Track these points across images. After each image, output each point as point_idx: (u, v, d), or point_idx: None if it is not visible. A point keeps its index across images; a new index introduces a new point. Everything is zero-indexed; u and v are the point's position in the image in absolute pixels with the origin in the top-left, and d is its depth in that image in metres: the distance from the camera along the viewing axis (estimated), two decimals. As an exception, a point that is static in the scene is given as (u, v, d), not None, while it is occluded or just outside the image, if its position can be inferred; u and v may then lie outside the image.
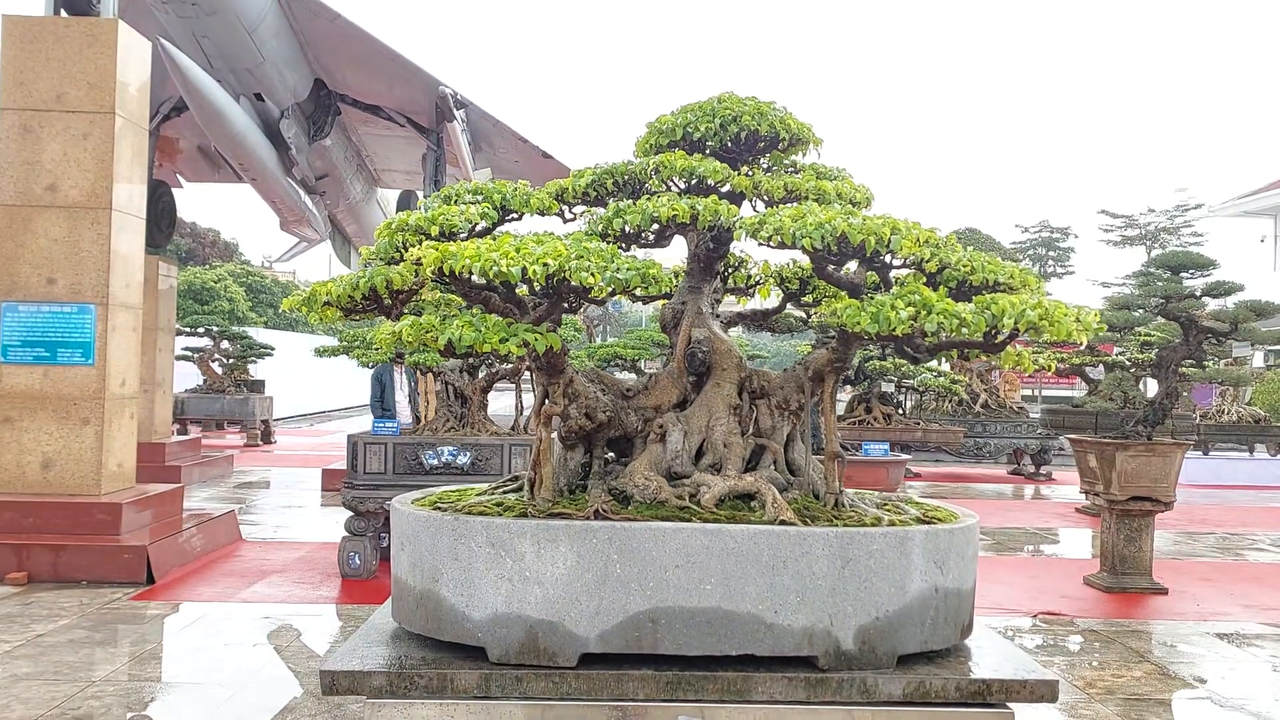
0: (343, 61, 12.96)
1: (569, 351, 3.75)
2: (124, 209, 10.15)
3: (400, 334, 3.27)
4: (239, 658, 6.98)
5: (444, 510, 3.86)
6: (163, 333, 13.75)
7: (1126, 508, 9.79)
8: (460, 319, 3.22)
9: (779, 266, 4.51)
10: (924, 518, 3.93)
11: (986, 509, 13.40)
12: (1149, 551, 9.90)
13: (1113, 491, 9.79)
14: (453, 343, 3.15)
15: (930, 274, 3.54)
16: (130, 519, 9.62)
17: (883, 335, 3.22)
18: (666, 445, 3.95)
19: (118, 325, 10.11)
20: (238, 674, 6.54)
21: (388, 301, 3.63)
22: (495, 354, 3.24)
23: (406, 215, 3.70)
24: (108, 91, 9.94)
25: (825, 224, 3.33)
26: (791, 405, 3.99)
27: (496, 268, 3.13)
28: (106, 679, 6.37)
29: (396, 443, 9.33)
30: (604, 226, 3.64)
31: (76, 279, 9.85)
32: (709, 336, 4.04)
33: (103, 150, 9.87)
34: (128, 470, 10.33)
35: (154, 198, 13.77)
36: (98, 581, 9.22)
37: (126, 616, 8.21)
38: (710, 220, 3.58)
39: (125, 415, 10.29)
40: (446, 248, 3.24)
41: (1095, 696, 6.77)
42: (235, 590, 9.10)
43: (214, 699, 6.04)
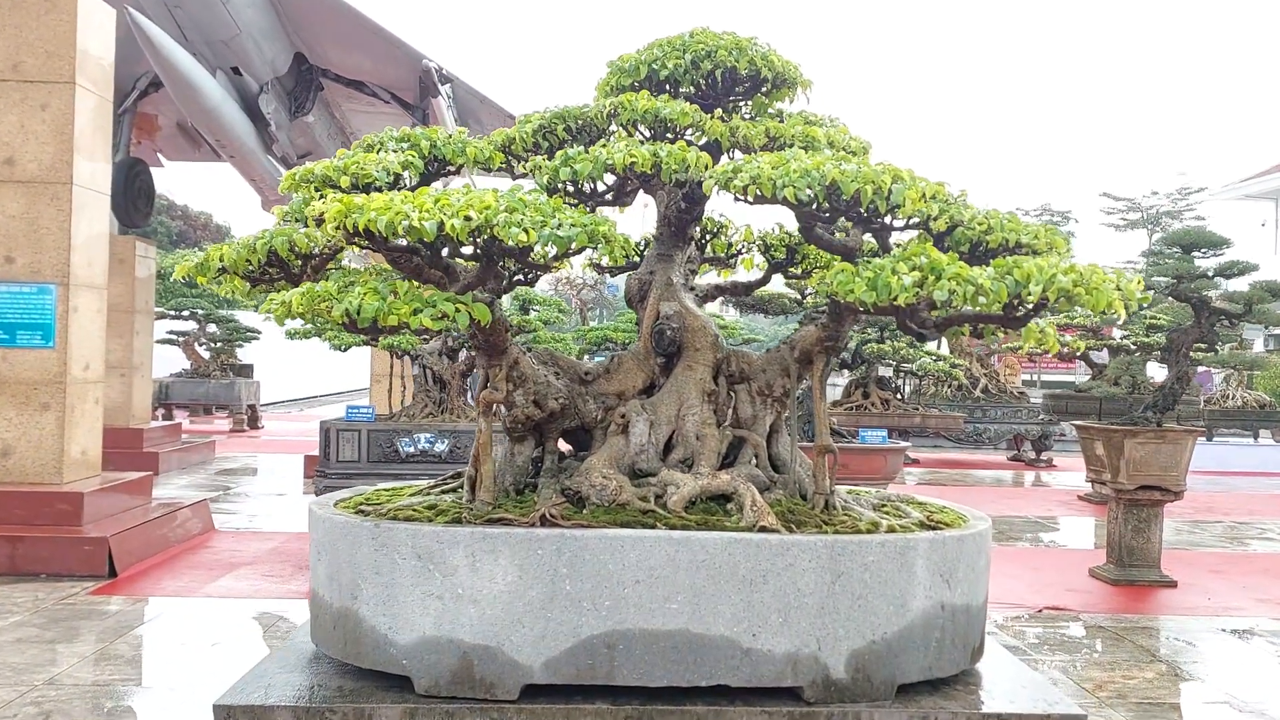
0: (323, 34, 12.26)
1: (509, 327, 3.12)
2: (86, 184, 9.50)
3: (290, 304, 2.63)
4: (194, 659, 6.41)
5: (366, 514, 3.22)
6: (141, 315, 13.10)
7: (1135, 497, 9.19)
8: (363, 284, 2.58)
9: (763, 233, 3.86)
10: (928, 522, 3.29)
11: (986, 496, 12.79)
12: (1158, 543, 9.31)
13: (1120, 480, 9.20)
14: (351, 314, 2.52)
15: (938, 234, 2.89)
16: (93, 509, 9.03)
17: (882, 307, 2.58)
18: (630, 438, 3.31)
19: (80, 306, 9.48)
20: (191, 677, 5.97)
21: (296, 267, 2.99)
22: (420, 330, 2.61)
23: (313, 166, 3.06)
24: (67, 60, 9.28)
25: (812, 171, 2.67)
26: (775, 391, 3.34)
27: (407, 222, 2.49)
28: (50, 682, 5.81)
29: (371, 429, 8.73)
30: (550, 178, 2.99)
31: (35, 258, 9.21)
32: (679, 311, 3.39)
33: (62, 122, 9.22)
34: (92, 458, 9.73)
35: (131, 176, 13.11)
36: (57, 575, 8.63)
37: (82, 612, 7.61)
38: (677, 171, 2.92)
39: (89, 400, 9.67)
40: (350, 200, 2.60)
41: (1106, 701, 6.16)
42: (200, 584, 8.49)
43: (160, 705, 5.46)
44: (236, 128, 12.07)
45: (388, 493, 3.63)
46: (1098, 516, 12.28)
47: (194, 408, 17.44)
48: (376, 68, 12.59)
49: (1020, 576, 9.30)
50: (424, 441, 8.74)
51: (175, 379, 16.89)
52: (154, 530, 9.47)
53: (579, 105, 3.32)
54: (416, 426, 8.71)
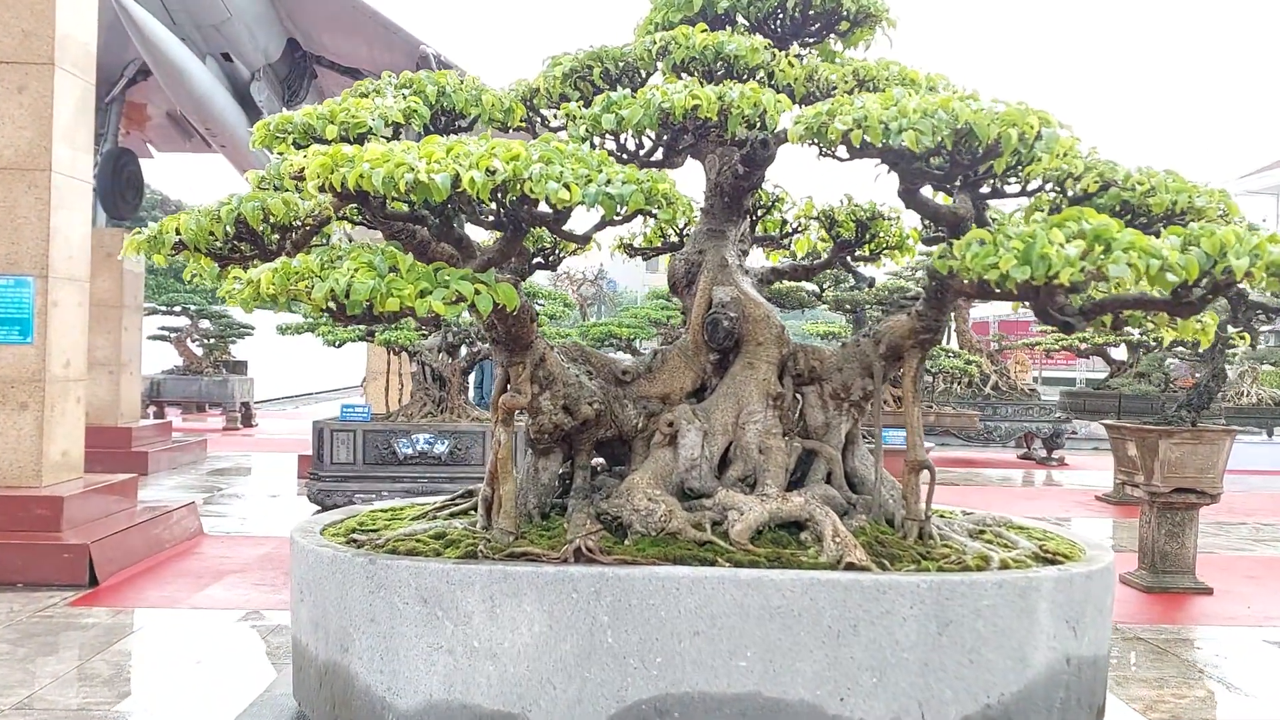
0: (317, 19, 11.54)
1: (536, 316, 2.46)
2: (67, 172, 8.78)
3: (259, 284, 1.97)
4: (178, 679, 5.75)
5: (359, 545, 2.55)
6: (129, 310, 12.38)
7: (1169, 500, 8.58)
8: (354, 259, 1.92)
9: (826, 208, 3.20)
10: (1042, 554, 2.64)
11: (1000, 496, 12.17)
12: (1193, 548, 8.71)
13: (1154, 483, 8.58)
14: (338, 296, 1.86)
15: (1075, 199, 2.24)
16: (73, 513, 8.33)
17: (1025, 287, 1.93)
18: (679, 450, 2.64)
19: (60, 300, 8.75)
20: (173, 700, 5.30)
21: (273, 242, 2.32)
22: (426, 318, 1.94)
23: (292, 114, 2.38)
24: (46, 40, 8.56)
25: (939, 110, 2.02)
26: (853, 394, 2.68)
27: (412, 176, 1.83)
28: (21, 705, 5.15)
29: (367, 429, 8.04)
30: (588, 129, 2.33)
31: (12, 249, 8.48)
32: (738, 298, 2.72)
33: (40, 106, 8.50)
34: (74, 459, 9.01)
35: (119, 167, 12.38)
36: (35, 584, 7.94)
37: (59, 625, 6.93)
38: (748, 116, 2.26)
39: (70, 399, 8.95)
40: (338, 150, 1.93)
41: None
42: (186, 594, 7.80)
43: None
44: (227, 116, 11.35)
45: (386, 514, 2.96)
46: (1118, 517, 11.69)
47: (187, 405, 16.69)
48: (372, 54, 11.87)
49: (1051, 584, 8.65)
50: (423, 442, 8.06)
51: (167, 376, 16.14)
52: (139, 535, 8.78)
53: (618, 46, 2.65)
54: (415, 427, 8.03)
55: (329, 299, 1.85)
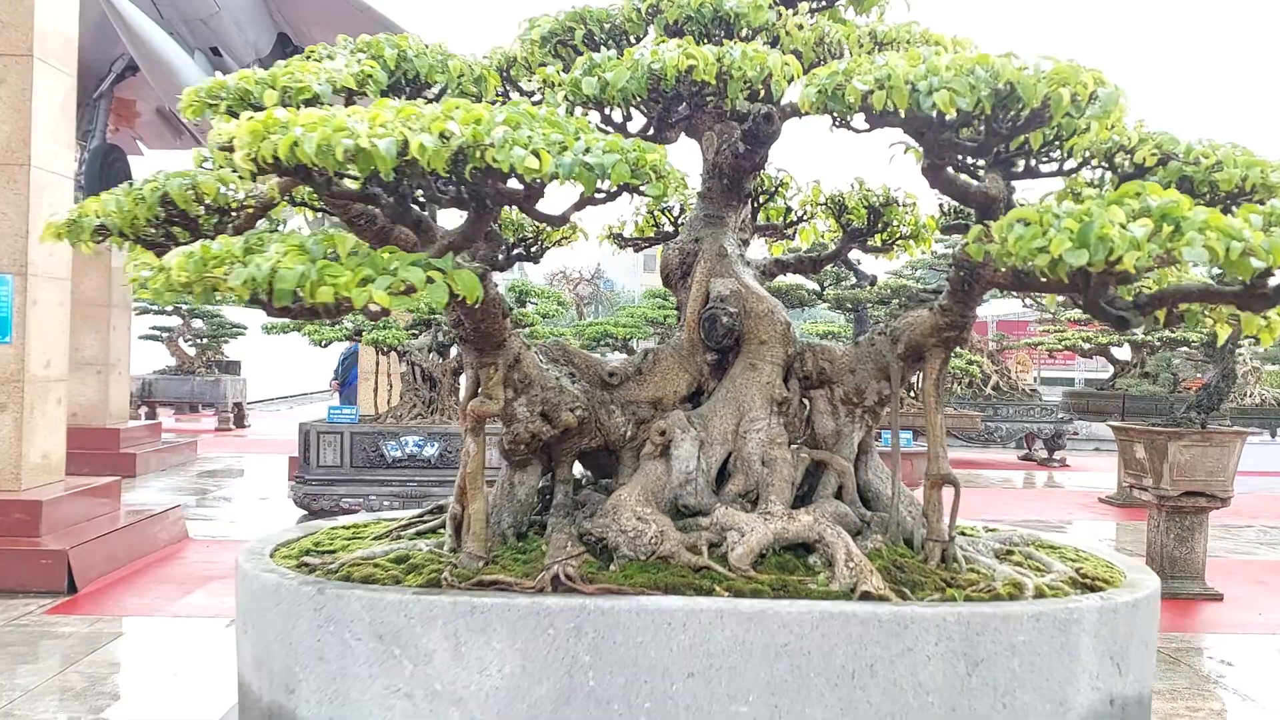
0: (308, 14, 11.20)
1: (510, 311, 2.14)
2: (47, 167, 8.44)
3: (170, 271, 1.64)
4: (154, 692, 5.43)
5: (312, 569, 2.22)
6: (118, 309, 12.04)
7: (1178, 504, 8.27)
8: (284, 241, 1.59)
9: (834, 193, 2.87)
10: (1080, 578, 2.31)
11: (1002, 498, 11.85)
12: (1202, 553, 8.40)
13: (1163, 486, 8.27)
14: (258, 284, 1.53)
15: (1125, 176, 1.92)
16: (53, 518, 7.98)
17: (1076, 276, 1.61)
18: (672, 462, 2.31)
19: (40, 299, 8.41)
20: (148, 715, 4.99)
21: (209, 225, 1.99)
22: (375, 312, 1.62)
23: (226, 79, 2.05)
24: (24, 31, 8.21)
25: (977, 68, 1.69)
26: (867, 399, 2.35)
27: (351, 141, 1.50)
28: (-15, 724, 4.81)
29: (354, 431, 7.71)
30: (567, 96, 2.00)
31: (-11, 245, 8.15)
32: (738, 291, 2.39)
33: (19, 99, 8.16)
34: (54, 462, 8.67)
35: (108, 163, 12.04)
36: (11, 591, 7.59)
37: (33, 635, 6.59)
38: (752, 81, 1.93)
39: (51, 400, 8.61)
40: (270, 115, 1.61)
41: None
42: (168, 601, 7.46)
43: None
44: (217, 112, 11.02)
45: (348, 532, 2.63)
46: (1121, 520, 11.38)
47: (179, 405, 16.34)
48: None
49: (1057, 590, 8.33)
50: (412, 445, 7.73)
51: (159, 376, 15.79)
52: (120, 540, 8.44)
53: (604, 7, 2.33)
54: (404, 429, 7.70)
55: (250, 288, 1.53)
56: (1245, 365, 12.90)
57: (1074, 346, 12.68)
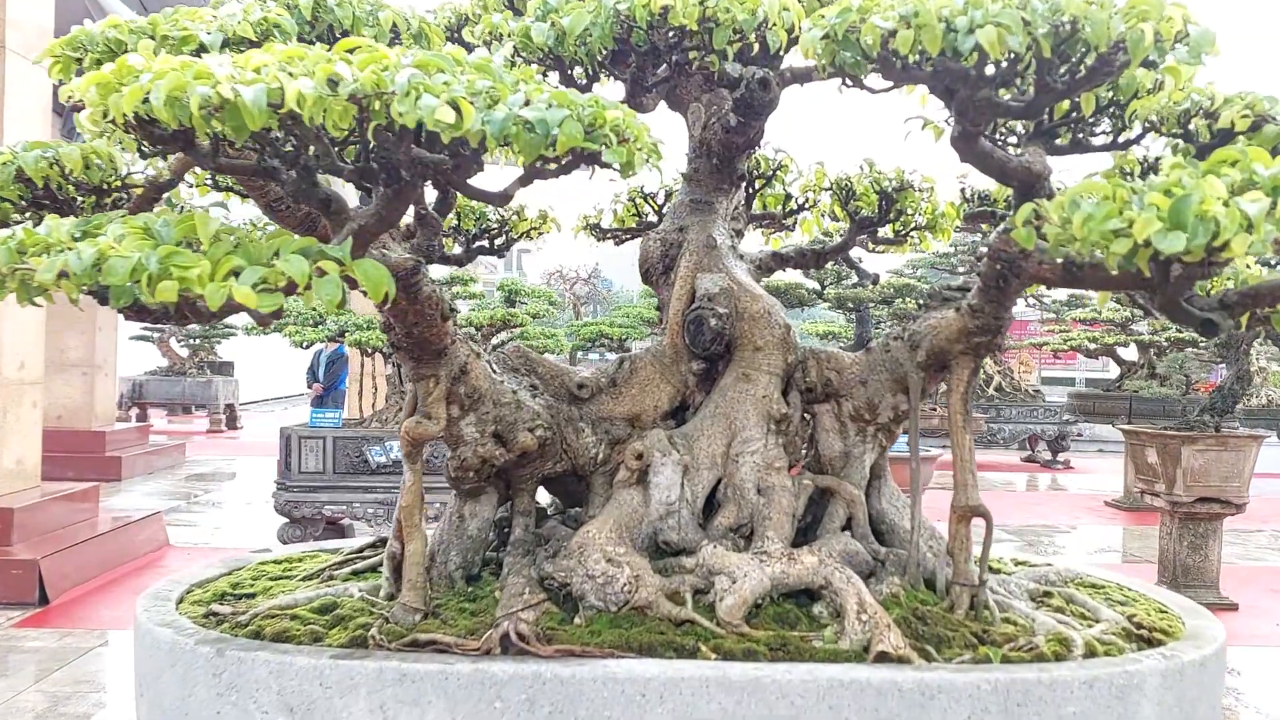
0: (297, 8, 10.82)
1: (448, 314, 1.74)
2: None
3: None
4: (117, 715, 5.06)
5: (219, 621, 1.82)
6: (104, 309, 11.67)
7: (1192, 511, 7.88)
8: (127, 223, 1.21)
9: (841, 177, 2.48)
10: (1136, 629, 1.91)
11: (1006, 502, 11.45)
12: (1216, 561, 8.01)
13: (1177, 492, 7.87)
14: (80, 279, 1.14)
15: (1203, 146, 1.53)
16: (25, 526, 7.59)
17: (1156, 268, 1.23)
18: (651, 491, 1.91)
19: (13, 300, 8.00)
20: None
21: (86, 206, 1.60)
22: (217, 309, 1.21)
23: (86, 29, 1.66)
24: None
25: (1032, 2, 1.29)
26: (880, 414, 1.96)
27: (209, 91, 1.11)
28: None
29: (337, 436, 7.32)
30: (518, 49, 1.61)
31: (-42, 243, 7.75)
32: (729, 289, 2.00)
33: (-9, 92, 7.78)
34: (29, 468, 8.28)
35: (94, 161, 11.67)
36: (-20, 603, 7.18)
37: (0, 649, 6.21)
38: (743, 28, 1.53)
39: (25, 404, 8.22)
40: (123, 63, 1.22)
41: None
42: (141, 613, 7.00)
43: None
44: (203, 107, 10.62)
45: (278, 568, 2.23)
46: (1129, 524, 10.98)
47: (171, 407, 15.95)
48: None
49: (1067, 600, 7.92)
50: (396, 450, 7.31)
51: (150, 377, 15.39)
52: (97, 549, 8.03)
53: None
54: (389, 433, 7.31)
55: (77, 283, 1.14)
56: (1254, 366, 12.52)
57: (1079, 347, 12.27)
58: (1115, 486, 11.88)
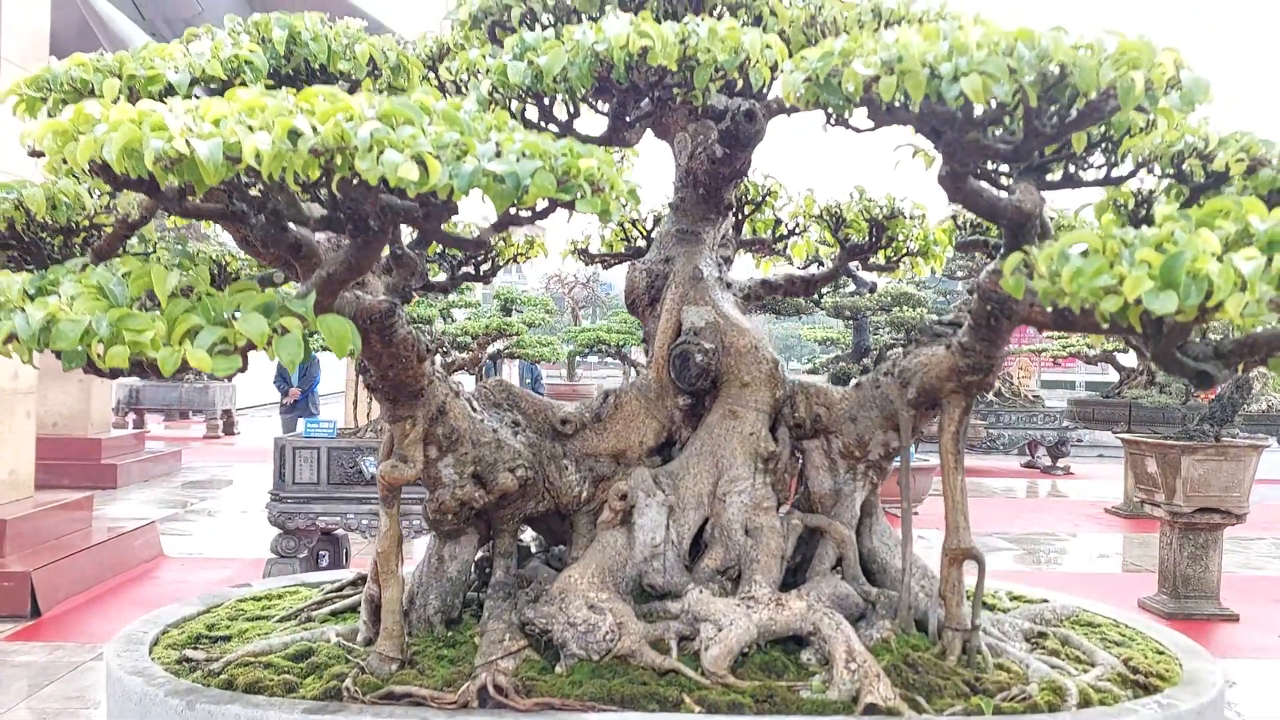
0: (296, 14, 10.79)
1: (426, 354, 1.70)
2: (14, 172, 8.02)
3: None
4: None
5: (192, 667, 1.77)
6: (101, 317, 11.62)
7: (1192, 521, 7.84)
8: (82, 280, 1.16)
9: (831, 204, 2.44)
10: (1131, 673, 1.86)
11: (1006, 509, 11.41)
12: (1217, 571, 7.96)
13: (1176, 502, 7.82)
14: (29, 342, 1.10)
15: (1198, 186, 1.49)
16: (17, 537, 7.55)
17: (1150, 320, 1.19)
18: (635, 532, 1.87)
19: (6, 308, 7.95)
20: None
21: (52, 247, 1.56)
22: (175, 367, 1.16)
23: (49, 68, 1.61)
24: (-12, 30, 7.80)
25: (1020, 45, 1.25)
26: (871, 452, 1.92)
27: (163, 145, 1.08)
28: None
29: (331, 446, 7.27)
30: (496, 87, 1.56)
31: (-49, 253, 7.70)
32: (716, 323, 1.95)
33: (-17, 101, 7.75)
34: (22, 478, 8.24)
35: (89, 168, 11.64)
36: (-29, 616, 7.14)
37: (-11, 664, 6.15)
38: (725, 68, 1.50)
39: (19, 413, 8.18)
40: (80, 111, 1.18)
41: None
42: (135, 626, 6.95)
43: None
44: (199, 114, 10.59)
45: (257, 606, 2.19)
46: (1129, 532, 10.95)
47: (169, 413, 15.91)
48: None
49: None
50: (392, 461, 7.23)
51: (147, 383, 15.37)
52: (91, 560, 8.00)
53: (551, -20, 1.89)
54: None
55: (29, 346, 1.10)
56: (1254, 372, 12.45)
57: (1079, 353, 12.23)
58: (1115, 493, 11.84)
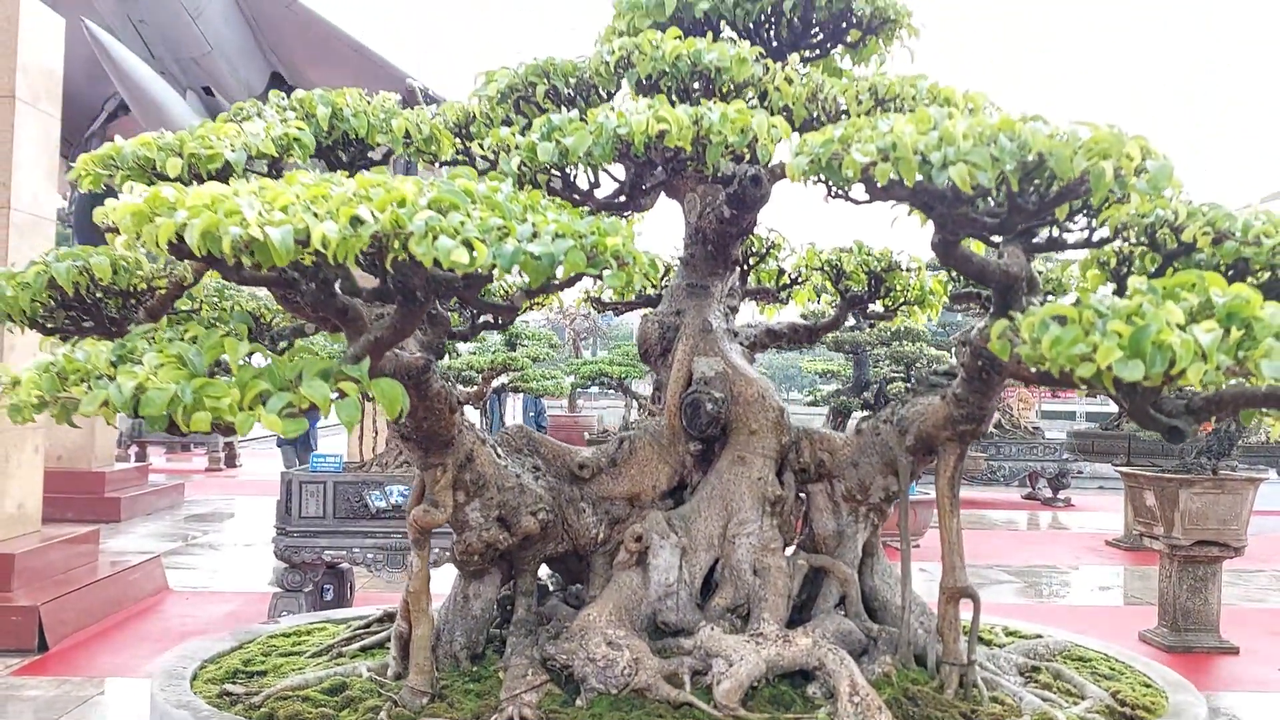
0: (302, 53, 11.00)
1: (456, 405, 1.84)
2: (28, 209, 8.18)
3: (22, 386, 1.34)
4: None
5: (233, 701, 1.90)
6: (106, 350, 11.76)
7: (1191, 554, 7.92)
8: (161, 351, 1.30)
9: (832, 256, 2.58)
10: (1120, 706, 1.98)
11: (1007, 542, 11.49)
12: (1216, 604, 8.03)
13: (1175, 535, 7.92)
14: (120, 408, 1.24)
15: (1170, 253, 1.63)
16: (25, 572, 7.63)
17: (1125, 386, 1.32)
18: (650, 573, 2.00)
19: (18, 344, 8.11)
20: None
21: (112, 309, 1.70)
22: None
23: (122, 144, 1.77)
24: (6, 72, 8.00)
25: (1002, 135, 1.40)
26: (872, 496, 2.05)
27: (240, 231, 1.22)
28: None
29: (337, 481, 7.37)
30: (524, 161, 1.72)
31: (-35, 290, 7.84)
32: (725, 373, 2.10)
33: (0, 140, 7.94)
34: (30, 512, 8.33)
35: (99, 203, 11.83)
36: (-21, 650, 7.20)
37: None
38: (733, 148, 1.66)
39: (27, 448, 8.28)
40: (155, 195, 1.32)
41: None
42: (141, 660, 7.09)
43: None
44: (207, 151, 10.79)
45: (288, 642, 2.31)
46: (1129, 564, 11.02)
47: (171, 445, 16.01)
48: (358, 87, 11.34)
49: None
50: (396, 495, 7.38)
51: (150, 415, 15.48)
52: (96, 594, 8.07)
53: (570, 59, 2.05)
54: (389, 478, 7.36)
55: (119, 407, 1.24)
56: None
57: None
58: (1116, 525, 11.92)
